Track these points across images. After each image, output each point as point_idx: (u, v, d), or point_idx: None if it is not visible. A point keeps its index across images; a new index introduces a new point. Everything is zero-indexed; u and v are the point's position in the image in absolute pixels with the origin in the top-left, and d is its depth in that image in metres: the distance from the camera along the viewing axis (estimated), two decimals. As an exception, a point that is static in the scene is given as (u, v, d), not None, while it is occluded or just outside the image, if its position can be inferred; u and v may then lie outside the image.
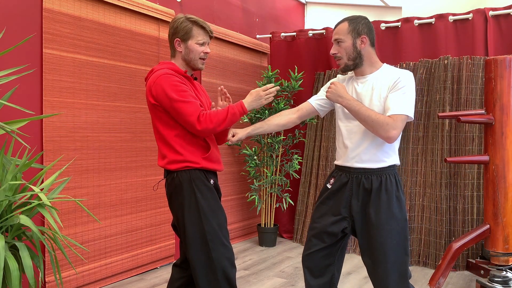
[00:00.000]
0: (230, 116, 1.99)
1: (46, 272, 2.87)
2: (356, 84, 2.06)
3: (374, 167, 1.97)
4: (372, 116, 1.87)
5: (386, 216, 1.92)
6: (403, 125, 1.88)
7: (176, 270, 2.23)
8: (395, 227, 1.92)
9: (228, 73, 4.49)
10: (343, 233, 2.05)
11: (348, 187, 2.03)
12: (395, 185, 1.96)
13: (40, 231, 2.15)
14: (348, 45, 2.00)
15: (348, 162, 2.03)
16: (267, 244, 4.45)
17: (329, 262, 2.09)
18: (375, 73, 2.02)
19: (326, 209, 2.09)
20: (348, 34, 2.00)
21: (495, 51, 3.80)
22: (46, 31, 2.84)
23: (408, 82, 1.92)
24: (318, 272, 2.09)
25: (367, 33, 2.01)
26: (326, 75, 4.57)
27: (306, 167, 4.60)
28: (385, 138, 1.88)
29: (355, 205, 2.00)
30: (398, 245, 1.92)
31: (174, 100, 1.93)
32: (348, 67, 2.04)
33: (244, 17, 4.76)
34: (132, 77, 3.45)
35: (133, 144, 3.46)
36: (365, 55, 2.03)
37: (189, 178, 2.00)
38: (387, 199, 1.93)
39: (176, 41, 2.08)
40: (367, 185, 1.98)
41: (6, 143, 2.54)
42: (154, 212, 3.65)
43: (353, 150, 2.01)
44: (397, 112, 1.87)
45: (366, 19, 2.04)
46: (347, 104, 1.95)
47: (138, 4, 3.42)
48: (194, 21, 2.07)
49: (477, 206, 3.74)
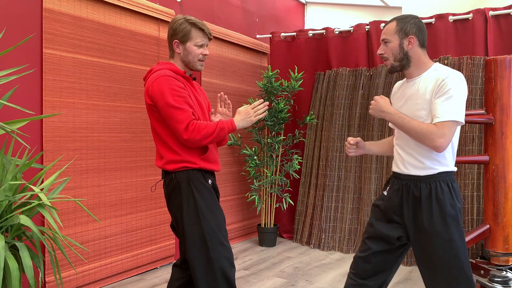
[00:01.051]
0: (218, 131, 1.98)
1: (46, 272, 2.87)
2: (406, 88, 1.99)
3: (422, 175, 1.90)
4: (415, 128, 1.81)
5: (439, 225, 1.84)
6: (452, 131, 1.79)
7: (176, 270, 2.23)
8: (451, 237, 1.84)
9: (228, 73, 4.49)
10: (399, 241, 1.99)
11: (399, 194, 1.98)
12: (449, 193, 1.86)
13: (40, 231, 2.15)
14: (394, 46, 1.93)
15: (399, 169, 2.00)
16: (267, 244, 4.45)
17: (380, 268, 2.02)
18: (422, 75, 1.93)
19: (380, 214, 2.05)
20: (395, 34, 1.93)
21: (495, 51, 3.80)
22: (46, 31, 2.84)
23: (453, 84, 1.81)
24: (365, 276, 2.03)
25: (416, 33, 1.92)
26: (326, 75, 4.57)
27: (306, 167, 4.60)
28: (432, 147, 1.80)
29: (406, 213, 1.94)
30: (454, 256, 1.84)
31: (169, 104, 1.93)
32: (395, 68, 1.97)
33: (244, 17, 4.76)
34: (132, 77, 3.45)
35: (133, 144, 3.46)
36: (413, 56, 1.93)
37: (187, 178, 2.00)
38: (439, 208, 1.85)
39: (175, 42, 2.08)
40: (416, 192, 1.91)
41: (6, 143, 2.54)
42: (154, 212, 3.65)
43: (403, 156, 1.97)
44: (443, 119, 1.78)
45: (416, 19, 1.95)
46: (390, 118, 1.90)
47: (138, 4, 3.42)
48: (193, 23, 2.06)
49: (477, 206, 3.74)
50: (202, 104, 2.13)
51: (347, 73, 4.44)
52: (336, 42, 4.58)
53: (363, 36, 4.44)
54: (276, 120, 4.34)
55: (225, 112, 2.25)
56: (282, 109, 4.30)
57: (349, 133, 4.37)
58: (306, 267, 3.77)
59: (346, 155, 4.37)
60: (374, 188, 4.18)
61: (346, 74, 4.44)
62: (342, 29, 4.55)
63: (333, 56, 4.58)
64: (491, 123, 2.84)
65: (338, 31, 4.56)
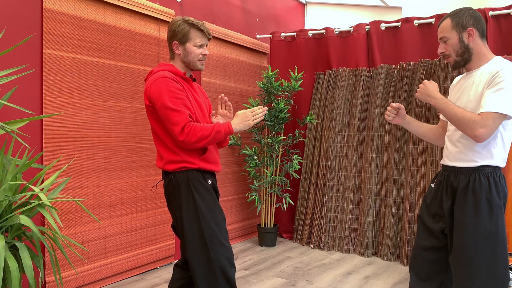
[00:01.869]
0: (215, 133, 1.98)
1: (46, 272, 2.87)
2: (464, 81, 1.97)
3: (462, 166, 1.88)
4: (458, 114, 1.79)
5: (471, 218, 1.81)
6: (496, 124, 1.75)
7: (177, 271, 2.23)
8: (481, 230, 1.79)
9: (228, 73, 4.49)
10: (443, 234, 1.97)
11: (441, 186, 1.98)
12: (487, 186, 1.82)
13: (40, 231, 2.15)
14: (454, 42, 1.90)
15: (444, 160, 2.00)
16: (267, 244, 4.45)
17: (438, 269, 1.98)
18: (482, 67, 1.90)
19: (426, 207, 2.05)
20: (452, 30, 1.90)
21: (495, 51, 3.80)
22: (46, 31, 2.84)
23: (507, 76, 1.76)
24: (424, 276, 2.01)
25: (474, 24, 1.88)
26: (326, 75, 4.57)
27: (306, 167, 4.60)
28: (472, 136, 1.77)
29: (446, 204, 1.93)
30: (484, 250, 1.79)
31: (166, 106, 1.94)
32: (458, 63, 1.93)
33: (244, 17, 4.76)
34: (132, 77, 3.45)
35: (133, 144, 3.46)
36: (474, 48, 1.89)
37: (187, 178, 2.01)
38: (474, 200, 1.82)
39: (174, 44, 2.08)
40: (455, 183, 1.90)
41: (6, 143, 2.54)
42: (154, 212, 3.65)
43: (449, 148, 1.97)
44: (488, 110, 1.75)
45: (471, 10, 1.91)
46: (435, 103, 1.88)
47: (138, 4, 3.42)
48: (191, 23, 2.07)
49: (477, 206, 3.74)
50: (202, 106, 2.13)
51: (347, 73, 4.44)
52: (336, 42, 4.58)
53: (363, 36, 4.44)
54: (276, 120, 4.34)
55: (225, 114, 2.25)
56: (282, 109, 4.30)
57: (349, 133, 4.37)
58: (306, 267, 3.77)
59: (346, 155, 4.37)
60: (374, 188, 4.18)
61: (346, 74, 4.44)
62: (342, 29, 4.55)
63: (333, 56, 4.58)
64: (491, 123, 2.83)
65: (338, 31, 4.56)
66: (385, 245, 4.03)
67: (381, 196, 4.18)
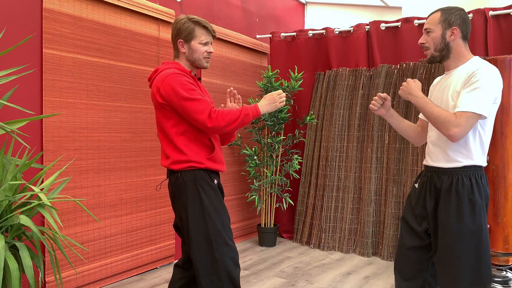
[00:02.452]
0: (243, 117, 1.98)
1: (46, 272, 2.87)
2: (443, 81, 2.00)
3: (446, 167, 1.90)
4: (435, 113, 1.82)
5: (454, 218, 1.84)
6: (470, 123, 1.77)
7: (178, 271, 2.22)
8: (464, 230, 1.82)
9: (228, 73, 4.49)
10: (428, 235, 1.99)
11: (425, 187, 2.00)
12: (469, 187, 1.85)
13: (40, 231, 2.15)
14: (436, 36, 1.93)
15: (427, 161, 2.02)
16: (267, 244, 4.45)
17: (420, 267, 2.01)
18: (459, 67, 1.93)
19: (410, 207, 2.06)
20: (438, 24, 1.93)
21: (495, 51, 3.80)
22: (46, 31, 2.84)
23: (483, 76, 1.79)
24: (408, 275, 2.03)
25: (460, 25, 1.91)
26: (326, 75, 4.57)
27: (306, 167, 4.60)
28: (447, 135, 1.81)
29: (429, 204, 1.95)
30: (468, 250, 1.82)
31: (184, 98, 1.93)
32: (434, 58, 1.96)
33: (244, 17, 4.76)
34: (132, 77, 3.45)
35: (133, 144, 3.46)
36: (454, 48, 1.93)
37: (194, 178, 2.00)
38: (457, 201, 1.85)
39: (179, 42, 2.08)
40: (438, 184, 1.92)
41: (6, 143, 2.54)
42: (154, 212, 3.65)
43: (431, 149, 1.99)
44: (462, 109, 1.78)
45: (461, 11, 1.94)
46: (415, 101, 1.91)
47: (138, 4, 3.42)
48: (196, 21, 2.07)
49: (477, 206, 3.74)
50: None
51: (347, 73, 4.44)
52: (336, 42, 4.58)
53: (363, 36, 4.44)
54: (276, 120, 4.34)
55: (234, 107, 2.24)
56: (282, 109, 4.30)
57: (349, 133, 4.37)
58: (306, 267, 3.77)
59: (346, 155, 4.37)
60: (374, 188, 4.18)
61: (346, 74, 4.44)
62: (342, 29, 4.55)
63: (333, 56, 4.58)
64: (491, 123, 2.84)
65: (338, 31, 4.57)
66: (385, 245, 4.03)
67: (381, 196, 4.18)
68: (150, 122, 3.60)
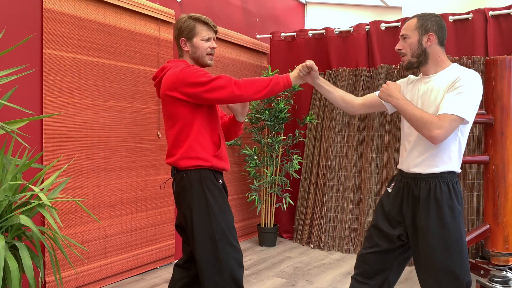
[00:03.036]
0: (273, 84, 1.96)
1: (46, 272, 2.87)
2: (420, 85, 1.99)
3: (424, 173, 1.90)
4: (416, 115, 1.82)
5: (435, 225, 1.85)
6: (452, 126, 1.78)
7: (179, 270, 2.21)
8: (446, 237, 1.84)
9: (228, 73, 4.49)
10: (400, 240, 2.00)
11: (401, 193, 1.99)
12: (447, 193, 1.86)
13: (40, 231, 2.15)
14: (413, 42, 1.94)
15: (403, 166, 2.01)
16: (267, 244, 4.45)
17: (383, 267, 2.03)
18: (439, 73, 1.94)
19: (383, 212, 2.06)
20: (415, 30, 1.94)
21: (495, 51, 3.80)
22: (46, 31, 2.84)
23: (467, 81, 1.81)
24: (369, 275, 2.04)
25: (436, 31, 1.93)
26: (326, 75, 4.57)
27: (306, 167, 4.60)
28: (428, 137, 1.80)
29: (406, 211, 1.95)
30: (449, 256, 1.83)
31: (206, 82, 1.91)
32: (412, 64, 1.97)
33: (244, 17, 4.76)
34: (132, 77, 3.45)
35: (133, 144, 3.46)
36: (431, 54, 1.94)
37: (199, 177, 1.98)
38: (437, 208, 1.85)
39: (182, 40, 2.08)
40: (416, 191, 1.92)
41: (6, 143, 2.54)
42: (154, 212, 3.65)
43: (408, 153, 1.98)
44: (446, 112, 1.78)
45: (437, 17, 1.96)
46: (395, 103, 1.92)
47: (138, 4, 3.42)
48: (196, 18, 2.07)
49: (477, 206, 3.74)
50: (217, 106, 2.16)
51: (347, 73, 4.44)
52: (336, 42, 4.58)
53: (363, 36, 4.44)
54: (276, 120, 4.34)
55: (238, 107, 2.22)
56: (282, 109, 4.30)
57: (349, 133, 4.37)
58: (306, 267, 3.77)
59: (346, 155, 4.37)
60: (374, 188, 4.18)
61: (346, 74, 4.44)
62: (342, 29, 4.55)
63: (333, 56, 4.58)
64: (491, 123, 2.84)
65: (338, 31, 4.56)
66: (385, 245, 4.03)
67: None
68: (150, 122, 3.60)
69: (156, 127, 3.66)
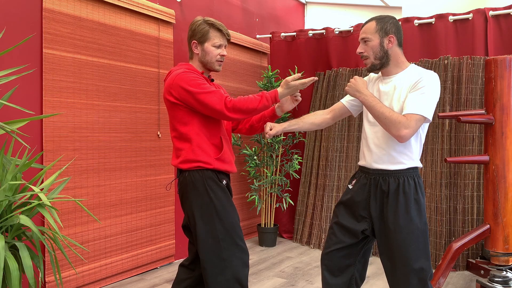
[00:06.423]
0: (264, 103, 1.97)
1: (46, 272, 2.87)
2: (381, 84, 2.04)
3: (391, 169, 1.96)
4: (385, 113, 1.87)
5: (404, 219, 1.91)
6: (418, 125, 1.86)
7: (183, 271, 2.21)
8: (414, 231, 1.90)
9: (228, 73, 4.49)
10: (363, 234, 2.04)
11: (367, 189, 2.03)
12: (414, 187, 1.94)
13: (40, 231, 2.15)
14: (375, 44, 1.98)
15: (368, 163, 2.04)
16: (267, 244, 4.45)
17: (349, 262, 2.08)
18: (400, 73, 2.00)
19: (346, 209, 2.09)
20: (375, 33, 1.98)
21: (495, 51, 3.80)
22: (46, 31, 2.84)
23: (429, 82, 1.89)
24: (337, 272, 2.08)
25: (395, 32, 1.98)
26: (326, 75, 4.57)
27: (306, 167, 4.60)
28: (396, 136, 1.86)
29: (373, 206, 2.00)
30: (417, 249, 1.90)
31: (196, 93, 1.93)
32: (375, 66, 2.01)
33: (244, 17, 4.76)
34: (132, 77, 3.45)
35: (133, 144, 3.46)
36: (392, 55, 1.99)
37: (202, 177, 2.00)
38: (405, 202, 1.92)
39: (193, 43, 2.09)
40: (384, 187, 1.97)
41: (6, 143, 2.54)
42: (154, 212, 3.65)
43: (373, 150, 2.01)
44: (412, 112, 1.85)
45: (394, 19, 2.01)
46: (363, 99, 1.95)
47: (138, 4, 3.42)
48: (211, 23, 2.08)
49: (477, 206, 3.74)
50: None
51: (347, 73, 4.44)
52: (336, 42, 4.58)
53: (363, 36, 4.43)
54: (276, 120, 4.34)
55: None
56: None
57: (349, 133, 4.37)
58: (306, 267, 3.77)
59: (346, 155, 4.37)
60: (374, 188, 4.17)
61: (346, 74, 4.44)
62: (342, 29, 4.55)
63: (333, 56, 4.58)
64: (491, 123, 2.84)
65: (338, 31, 4.57)
66: (385, 245, 4.03)
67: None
68: (150, 122, 3.60)
69: (156, 127, 3.66)
